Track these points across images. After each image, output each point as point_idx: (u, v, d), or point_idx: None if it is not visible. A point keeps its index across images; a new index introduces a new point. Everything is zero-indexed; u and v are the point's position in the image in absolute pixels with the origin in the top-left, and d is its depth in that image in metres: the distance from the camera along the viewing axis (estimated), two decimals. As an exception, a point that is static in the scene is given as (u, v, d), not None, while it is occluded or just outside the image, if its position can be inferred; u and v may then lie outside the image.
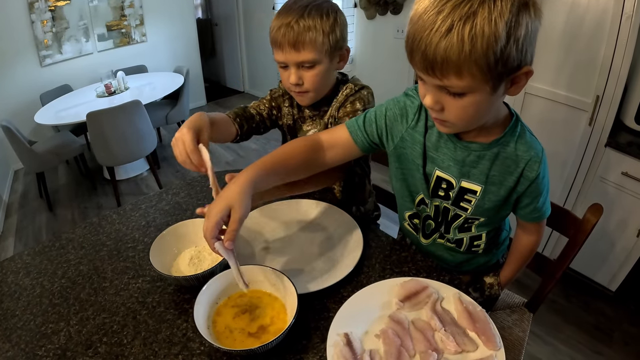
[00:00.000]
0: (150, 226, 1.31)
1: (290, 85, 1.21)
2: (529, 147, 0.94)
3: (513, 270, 1.23)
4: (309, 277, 1.06)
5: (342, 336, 0.84)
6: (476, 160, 0.97)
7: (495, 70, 0.73)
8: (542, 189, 1.00)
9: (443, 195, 1.06)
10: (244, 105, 1.37)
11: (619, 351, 2.06)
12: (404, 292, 0.95)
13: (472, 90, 0.77)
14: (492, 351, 0.82)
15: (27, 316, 1.00)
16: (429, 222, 1.15)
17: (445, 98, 0.81)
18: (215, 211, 0.84)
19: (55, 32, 4.46)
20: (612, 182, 2.08)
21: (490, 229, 1.11)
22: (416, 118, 1.03)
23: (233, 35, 6.30)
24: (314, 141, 1.07)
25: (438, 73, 0.75)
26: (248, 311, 0.93)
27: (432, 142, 1.01)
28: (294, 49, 1.14)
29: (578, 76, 2.05)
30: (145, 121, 3.49)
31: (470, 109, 0.81)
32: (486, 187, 0.99)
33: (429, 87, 0.82)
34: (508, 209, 1.06)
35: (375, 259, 1.14)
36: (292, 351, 0.88)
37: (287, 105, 1.39)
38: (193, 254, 1.10)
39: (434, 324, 0.88)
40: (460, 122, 0.86)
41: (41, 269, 1.15)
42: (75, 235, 1.28)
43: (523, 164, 0.95)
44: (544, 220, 1.10)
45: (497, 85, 0.77)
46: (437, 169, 1.02)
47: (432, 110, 0.86)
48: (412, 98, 1.05)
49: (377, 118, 1.07)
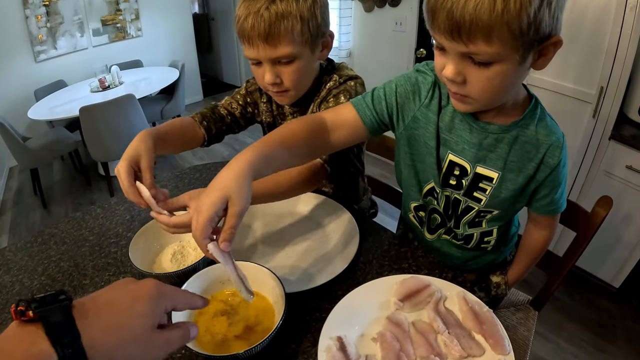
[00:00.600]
0: (134, 220, 1.25)
1: (266, 84, 1.06)
2: (550, 132, 0.88)
3: (522, 268, 1.16)
4: (300, 275, 0.99)
5: (335, 340, 0.77)
6: (493, 143, 0.89)
7: (527, 35, 0.66)
8: (562, 179, 0.93)
9: (455, 185, 0.98)
10: (214, 103, 1.25)
11: (623, 348, 2.03)
12: (403, 290, 0.87)
13: (499, 59, 0.70)
14: (501, 355, 0.75)
15: (5, 315, 0.95)
16: (435, 215, 1.08)
17: (468, 68, 0.74)
18: (208, 204, 0.68)
19: (49, 27, 4.43)
20: (617, 176, 2.05)
21: (502, 223, 1.03)
22: (430, 95, 0.94)
23: (230, 29, 6.27)
24: (317, 121, 0.94)
25: (464, 37, 0.68)
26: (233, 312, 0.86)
27: (446, 122, 0.93)
28: (267, 43, 0.97)
29: (582, 68, 2.02)
30: (139, 115, 3.46)
31: (495, 80, 0.73)
32: (504, 174, 0.91)
33: (451, 56, 0.74)
34: (524, 200, 0.98)
35: (372, 254, 1.07)
36: (280, 356, 0.81)
37: (265, 102, 1.26)
38: (176, 250, 1.04)
39: (437, 326, 0.81)
40: (483, 96, 0.78)
41: (22, 265, 1.10)
42: (58, 230, 1.23)
43: (544, 149, 0.88)
44: (559, 214, 1.03)
45: (526, 55, 0.71)
46: (450, 152, 0.94)
47: (453, 84, 0.78)
48: (424, 74, 0.96)
49: (387, 95, 0.97)
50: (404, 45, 3.41)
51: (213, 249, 0.68)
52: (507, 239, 1.16)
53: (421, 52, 3.28)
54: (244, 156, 0.75)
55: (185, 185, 1.40)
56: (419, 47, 3.31)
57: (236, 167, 0.73)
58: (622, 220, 2.07)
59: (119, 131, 3.36)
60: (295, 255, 1.07)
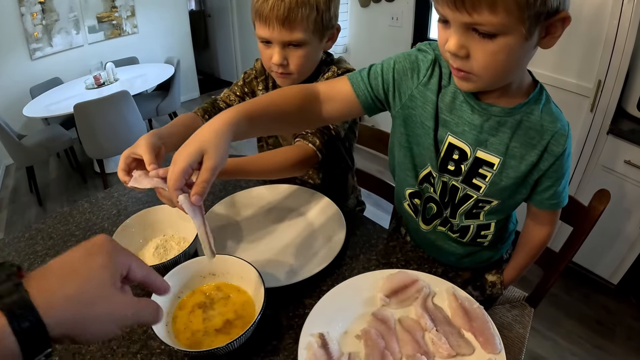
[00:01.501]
0: (121, 215, 1.23)
1: (271, 64, 1.10)
2: (555, 119, 0.85)
3: (520, 267, 1.12)
4: (284, 269, 0.97)
5: (316, 337, 0.74)
6: (496, 126, 0.86)
7: (533, 7, 0.64)
8: (566, 170, 0.91)
9: (453, 170, 0.94)
10: (214, 97, 1.30)
11: (621, 346, 2.01)
12: (390, 286, 0.85)
13: (505, 31, 0.67)
14: (491, 354, 0.72)
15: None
16: (431, 204, 1.05)
17: (472, 41, 0.71)
18: (184, 155, 0.67)
19: (45, 24, 4.40)
20: (615, 171, 2.03)
21: (500, 217, 1.00)
22: (429, 74, 0.91)
23: (226, 26, 6.22)
24: (310, 90, 0.92)
25: (468, 6, 0.65)
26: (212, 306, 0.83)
27: (446, 102, 0.90)
28: (284, 26, 1.02)
29: (579, 61, 2.00)
30: (134, 112, 3.45)
31: (500, 55, 0.70)
32: (505, 159, 0.88)
33: (455, 28, 0.71)
34: (525, 191, 0.94)
35: (359, 248, 1.04)
36: (260, 352, 0.79)
37: (262, 89, 1.29)
38: (159, 243, 1.02)
39: (424, 323, 0.78)
40: (487, 72, 0.74)
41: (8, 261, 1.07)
42: (46, 225, 1.22)
43: (548, 136, 0.85)
44: (560, 209, 1.00)
45: (532, 29, 0.68)
46: (449, 134, 0.91)
47: (455, 59, 0.74)
48: (424, 52, 0.93)
49: (384, 71, 0.94)
50: (400, 40, 3.39)
51: (183, 201, 0.67)
52: (504, 235, 1.12)
53: (418, 47, 3.25)
54: (228, 113, 0.75)
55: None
56: (415, 42, 3.26)
57: (217, 122, 0.72)
58: (620, 216, 2.04)
59: (113, 128, 3.34)
60: (279, 248, 1.05)
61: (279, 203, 1.21)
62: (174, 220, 1.05)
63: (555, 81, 2.10)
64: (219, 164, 0.69)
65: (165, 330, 0.76)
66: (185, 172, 0.67)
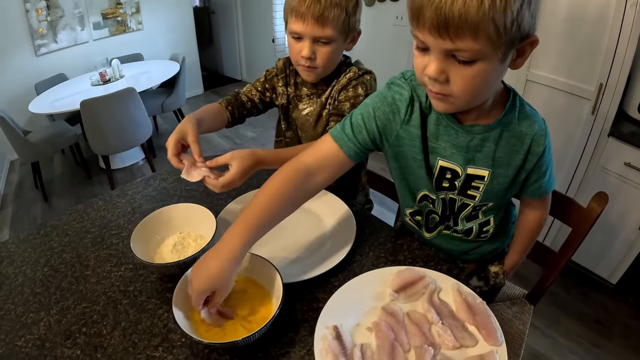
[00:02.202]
0: (135, 212, 1.27)
1: (299, 58, 1.18)
2: (532, 122, 0.90)
3: (519, 253, 1.18)
4: (297, 265, 1.01)
5: (331, 329, 0.79)
6: (480, 143, 0.91)
7: (510, 33, 0.68)
8: (549, 162, 0.96)
9: (448, 187, 0.99)
10: (237, 90, 1.38)
11: (619, 345, 2.03)
12: (398, 281, 0.89)
13: (483, 57, 0.71)
14: (493, 347, 0.76)
15: (8, 305, 0.96)
16: (433, 216, 1.10)
17: (452, 67, 0.74)
18: (200, 290, 0.79)
19: (50, 20, 4.39)
20: (614, 173, 2.03)
21: (497, 212, 1.06)
22: (409, 112, 0.94)
23: (231, 23, 6.23)
24: (299, 171, 0.92)
25: (452, 33, 0.68)
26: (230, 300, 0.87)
27: (432, 131, 0.94)
28: (317, 23, 1.11)
29: (581, 64, 2.00)
30: (140, 109, 3.45)
31: (478, 79, 0.74)
32: (493, 170, 0.93)
33: (435, 55, 0.74)
34: (516, 188, 1.00)
35: (369, 246, 1.08)
36: (277, 344, 0.83)
37: (282, 85, 1.36)
38: (177, 241, 1.05)
39: (431, 317, 0.82)
40: (466, 95, 0.77)
41: (25, 257, 1.12)
42: (60, 222, 1.24)
43: (529, 140, 0.90)
44: (550, 193, 1.06)
45: (507, 53, 0.72)
46: (440, 159, 0.95)
47: (435, 83, 0.77)
48: (398, 88, 0.95)
49: (366, 122, 0.96)
50: (404, 40, 3.40)
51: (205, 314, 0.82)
52: (505, 229, 1.18)
53: (421, 47, 3.26)
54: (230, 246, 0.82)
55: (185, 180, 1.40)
56: (419, 42, 3.28)
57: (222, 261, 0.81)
58: (619, 217, 2.06)
59: (119, 125, 3.35)
60: (291, 246, 1.08)
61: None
62: (190, 218, 1.09)
63: (557, 83, 2.11)
64: (226, 294, 0.83)
65: (188, 324, 0.80)
66: (202, 298, 0.81)
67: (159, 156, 4.27)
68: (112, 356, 0.82)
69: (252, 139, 4.55)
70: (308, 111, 1.31)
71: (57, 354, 0.83)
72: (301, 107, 1.33)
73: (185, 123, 1.07)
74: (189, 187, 1.38)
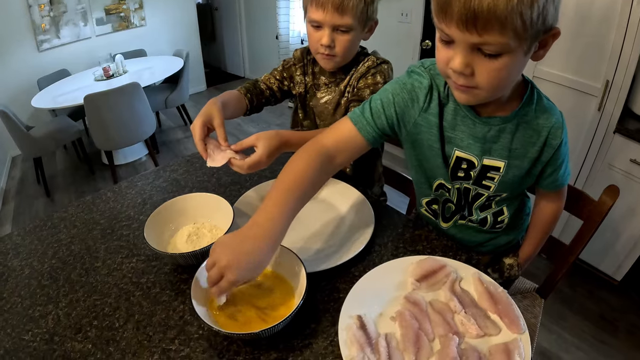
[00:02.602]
0: (146, 203, 1.25)
1: (319, 46, 1.18)
2: (549, 114, 0.90)
3: (534, 245, 1.17)
4: (316, 256, 0.99)
5: (355, 319, 0.77)
6: (497, 134, 0.91)
7: (535, 26, 0.68)
8: (565, 155, 0.96)
9: (463, 176, 0.99)
10: (255, 79, 1.39)
11: (624, 341, 2.03)
12: (420, 271, 0.88)
13: (509, 50, 0.70)
14: (517, 334, 0.75)
15: (15, 298, 0.94)
16: (449, 205, 1.09)
17: (477, 60, 0.73)
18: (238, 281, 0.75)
19: (52, 16, 4.38)
20: (621, 169, 2.03)
21: (511, 202, 1.06)
22: (428, 99, 0.94)
23: (234, 20, 6.21)
24: (320, 154, 0.93)
25: (480, 27, 0.67)
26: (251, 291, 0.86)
27: (449, 121, 0.94)
28: (337, 11, 1.11)
29: (588, 60, 2.00)
30: (144, 104, 3.45)
31: (503, 71, 0.74)
32: (509, 161, 0.93)
33: (460, 48, 0.74)
34: (530, 180, 1.00)
35: (387, 237, 1.07)
36: (299, 335, 0.81)
37: (299, 74, 1.37)
38: (191, 231, 1.03)
39: (454, 306, 0.81)
40: (491, 87, 0.77)
41: (31, 249, 1.10)
42: (68, 214, 1.23)
43: (546, 132, 0.90)
44: (566, 186, 1.06)
45: (531, 45, 0.73)
46: (456, 149, 0.95)
47: (460, 76, 0.77)
48: (418, 77, 0.96)
49: (385, 107, 0.97)
50: (409, 37, 3.37)
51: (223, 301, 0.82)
52: (520, 221, 1.17)
53: (427, 44, 3.24)
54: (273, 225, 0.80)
55: (195, 169, 1.40)
56: (424, 39, 3.27)
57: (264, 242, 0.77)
58: (625, 214, 2.05)
59: (123, 120, 3.34)
60: (310, 236, 1.07)
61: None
62: (204, 208, 1.07)
63: (564, 80, 2.11)
64: None
65: (207, 314, 0.78)
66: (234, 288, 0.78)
67: (162, 152, 4.27)
68: (126, 350, 0.80)
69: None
70: (327, 99, 1.32)
71: (67, 348, 0.81)
72: (319, 95, 1.33)
73: (210, 106, 1.07)
74: (201, 178, 1.36)
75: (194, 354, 0.78)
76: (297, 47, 4.49)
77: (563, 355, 1.95)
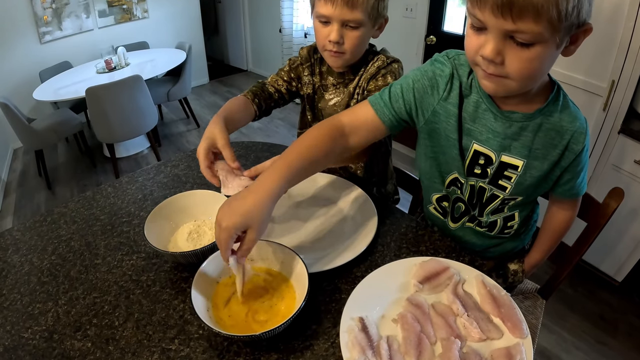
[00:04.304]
0: (147, 200, 1.24)
1: (327, 42, 1.14)
2: (574, 118, 0.87)
3: (542, 252, 1.16)
4: (318, 256, 0.98)
5: (356, 321, 0.76)
6: (518, 132, 0.88)
7: (570, 18, 0.68)
8: (585, 163, 0.93)
9: (479, 173, 0.97)
10: (262, 82, 1.34)
11: (624, 342, 2.02)
12: (423, 272, 0.87)
13: (542, 40, 0.69)
14: (519, 339, 0.74)
15: (14, 295, 0.94)
16: (459, 204, 1.07)
17: (509, 48, 0.72)
18: (230, 226, 0.75)
19: (55, 8, 4.36)
20: (625, 170, 2.02)
21: (523, 207, 1.03)
22: (448, 88, 0.93)
23: (237, 12, 6.17)
24: (335, 127, 0.94)
25: (515, 13, 0.67)
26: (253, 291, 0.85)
27: (469, 112, 0.92)
28: (347, 5, 1.07)
29: (594, 60, 1.98)
30: (146, 97, 3.43)
31: (534, 62, 0.73)
32: (528, 161, 0.91)
33: (492, 35, 0.72)
34: (547, 186, 0.97)
35: (390, 237, 1.06)
36: (300, 337, 0.80)
37: (307, 74, 1.33)
38: (192, 229, 1.03)
39: (456, 309, 0.80)
40: (521, 77, 0.76)
41: (31, 245, 1.09)
42: (68, 209, 1.22)
43: (569, 135, 0.87)
44: (581, 196, 1.03)
45: (563, 38, 0.72)
46: (474, 142, 0.93)
47: (490, 64, 0.75)
48: (440, 65, 0.94)
49: (404, 92, 0.96)
50: (413, 32, 3.34)
51: (232, 263, 0.79)
52: (528, 226, 1.15)
53: (431, 39, 3.22)
54: (269, 183, 0.80)
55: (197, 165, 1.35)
56: (429, 34, 3.25)
57: (260, 197, 0.78)
58: (628, 215, 2.04)
59: (125, 113, 3.33)
60: (312, 236, 1.06)
61: (312, 192, 1.22)
62: (205, 206, 1.06)
63: (569, 79, 2.09)
64: (260, 235, 0.79)
65: (207, 316, 0.78)
66: (232, 238, 0.76)
67: (164, 145, 4.26)
68: (125, 349, 0.79)
69: (259, 129, 4.52)
70: (335, 101, 1.28)
71: (66, 347, 0.80)
72: (327, 97, 1.30)
73: (212, 126, 1.03)
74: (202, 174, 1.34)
75: (194, 354, 0.77)
76: (300, 40, 4.53)
77: (563, 355, 1.95)
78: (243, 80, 6.11)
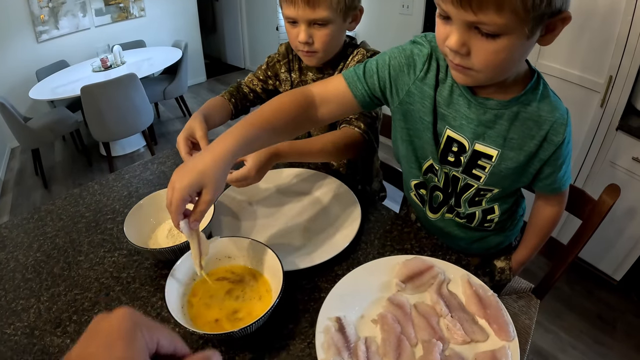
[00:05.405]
0: (132, 197, 1.23)
1: (297, 43, 1.13)
2: (553, 108, 0.84)
3: (529, 249, 1.13)
4: (299, 253, 0.96)
5: (333, 320, 0.74)
6: (493, 119, 0.85)
7: (538, 8, 0.64)
8: (566, 156, 0.90)
9: (453, 162, 0.94)
10: (239, 82, 1.36)
11: (622, 342, 2.00)
12: (406, 271, 0.84)
13: (508, 31, 0.66)
14: (505, 342, 0.72)
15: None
16: (437, 193, 1.04)
17: (474, 40, 0.70)
18: (184, 185, 0.70)
19: (51, 7, 4.35)
20: (622, 167, 2.00)
21: (503, 201, 1.00)
22: (425, 68, 0.90)
23: (234, 11, 6.16)
24: (305, 95, 0.92)
25: (475, 5, 0.64)
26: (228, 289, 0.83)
27: (444, 96, 0.89)
28: (308, 5, 1.05)
29: (591, 56, 1.96)
30: (141, 95, 3.43)
31: (502, 54, 0.70)
32: (503, 151, 0.87)
33: (457, 26, 0.70)
34: (526, 179, 0.94)
35: (374, 234, 1.04)
36: (276, 336, 0.78)
37: (284, 71, 1.32)
38: (172, 226, 1.00)
39: (440, 309, 0.78)
40: (487, 69, 0.73)
41: (17, 242, 1.09)
42: (55, 206, 1.21)
43: (547, 126, 0.84)
44: (567, 189, 1.00)
45: (535, 29, 0.68)
46: (448, 127, 0.91)
47: (456, 55, 0.73)
48: (419, 46, 0.92)
49: (380, 68, 0.93)
50: (410, 29, 3.32)
51: (183, 226, 0.74)
52: (512, 221, 1.12)
53: (428, 36, 3.21)
54: (227, 141, 0.76)
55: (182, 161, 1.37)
56: (425, 31, 3.21)
57: (217, 154, 0.74)
58: (625, 213, 2.02)
59: (121, 111, 3.32)
60: (292, 232, 1.04)
61: (294, 186, 1.21)
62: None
63: (566, 75, 2.07)
64: (216, 197, 0.74)
65: (182, 313, 0.76)
66: (185, 200, 0.71)
67: (160, 143, 4.25)
68: (102, 345, 0.78)
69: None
70: None
71: (46, 343, 0.80)
72: None
73: (192, 120, 1.05)
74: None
75: (169, 353, 0.76)
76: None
77: (559, 355, 1.93)
78: (240, 78, 6.09)
